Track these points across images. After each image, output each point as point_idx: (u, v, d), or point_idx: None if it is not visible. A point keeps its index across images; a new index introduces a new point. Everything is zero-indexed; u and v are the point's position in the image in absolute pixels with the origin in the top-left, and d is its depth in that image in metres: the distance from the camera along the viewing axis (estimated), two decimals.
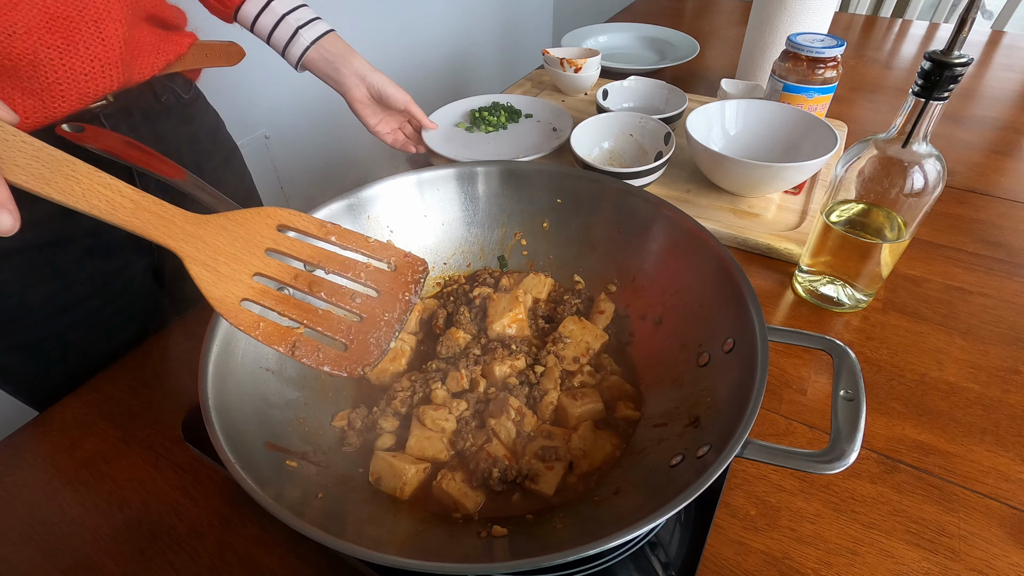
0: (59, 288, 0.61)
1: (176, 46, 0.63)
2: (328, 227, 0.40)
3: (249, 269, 0.38)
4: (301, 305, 0.39)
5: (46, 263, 0.59)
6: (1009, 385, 0.56)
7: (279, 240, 0.39)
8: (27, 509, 0.49)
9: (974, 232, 0.75)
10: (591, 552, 0.31)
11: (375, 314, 0.39)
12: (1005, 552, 0.44)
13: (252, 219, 0.38)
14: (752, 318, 0.43)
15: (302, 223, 0.39)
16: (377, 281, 0.40)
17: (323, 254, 0.39)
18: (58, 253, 0.60)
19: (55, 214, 0.57)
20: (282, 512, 0.34)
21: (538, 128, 0.94)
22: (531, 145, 0.89)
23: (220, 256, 0.37)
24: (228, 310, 0.37)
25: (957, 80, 0.47)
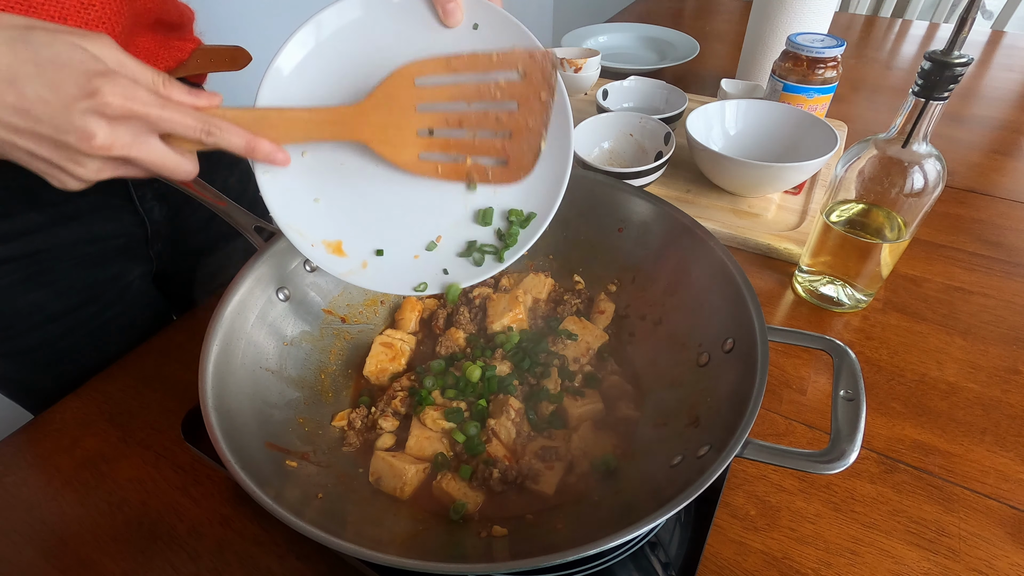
0: (50, 296, 0.60)
1: (177, 52, 0.62)
2: (452, 62, 0.43)
3: (412, 129, 0.43)
4: (460, 143, 0.44)
5: (37, 272, 0.59)
6: (1009, 385, 0.56)
7: (421, 94, 0.43)
8: (27, 509, 0.49)
9: (974, 232, 0.75)
10: (591, 552, 0.31)
11: (520, 125, 0.44)
12: (1005, 552, 0.44)
13: (393, 86, 0.42)
14: (752, 318, 0.43)
15: (430, 68, 0.43)
16: (512, 94, 0.43)
17: (459, 90, 0.43)
18: (49, 262, 0.59)
19: (45, 224, 0.57)
20: (282, 512, 0.34)
21: None
22: None
23: (388, 130, 0.43)
24: (413, 166, 0.44)
25: (957, 80, 0.47)
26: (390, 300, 0.63)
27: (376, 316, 0.61)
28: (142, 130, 0.35)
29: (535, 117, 0.44)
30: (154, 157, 0.36)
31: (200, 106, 0.37)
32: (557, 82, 0.43)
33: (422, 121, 0.43)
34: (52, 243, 0.58)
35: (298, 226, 0.46)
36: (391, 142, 0.43)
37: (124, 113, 0.34)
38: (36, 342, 0.62)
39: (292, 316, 0.53)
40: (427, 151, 0.44)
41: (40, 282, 0.59)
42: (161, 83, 0.36)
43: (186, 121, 0.36)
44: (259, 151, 0.40)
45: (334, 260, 0.48)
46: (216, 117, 0.37)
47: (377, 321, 0.61)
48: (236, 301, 0.48)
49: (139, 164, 0.37)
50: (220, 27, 0.73)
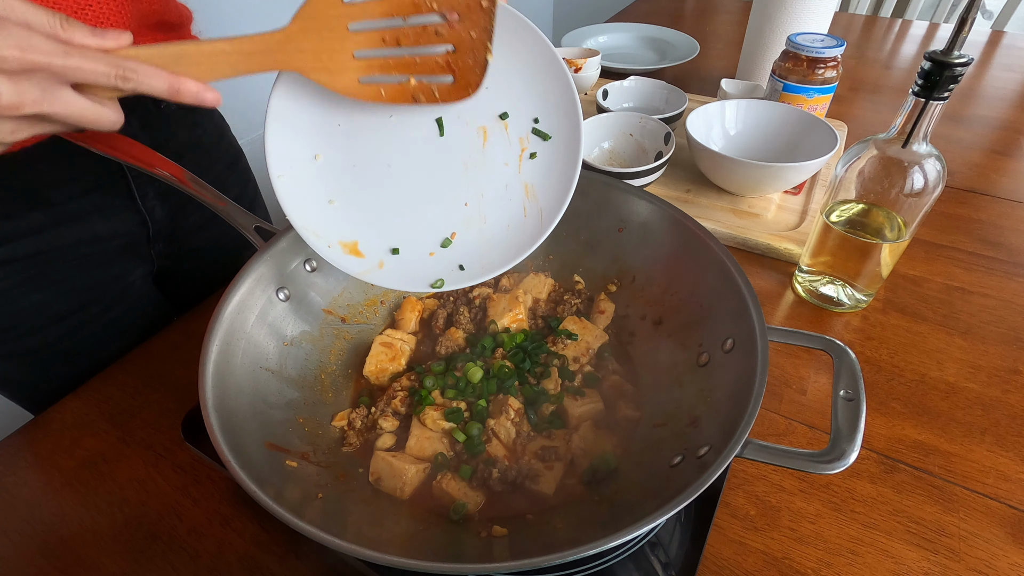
0: (53, 297, 0.60)
1: None
2: None
3: (347, 51, 0.40)
4: (401, 61, 0.41)
5: (40, 273, 0.59)
6: (1009, 385, 0.56)
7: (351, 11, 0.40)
8: (27, 509, 0.49)
9: (974, 232, 0.75)
10: (591, 552, 0.31)
11: (462, 37, 0.41)
12: (1005, 552, 0.44)
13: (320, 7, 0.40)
14: (752, 318, 0.43)
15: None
16: (452, 5, 0.40)
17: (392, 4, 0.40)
18: (51, 263, 0.59)
19: (47, 225, 0.57)
20: (282, 512, 0.34)
21: None
22: None
23: (323, 56, 0.40)
24: (354, 91, 0.41)
25: (957, 80, 0.47)
26: (390, 300, 0.63)
27: (376, 316, 0.61)
28: (50, 82, 0.32)
29: (478, 27, 0.41)
30: (70, 110, 0.33)
31: (108, 47, 0.34)
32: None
33: (357, 42, 0.40)
34: (54, 244, 0.58)
35: (314, 228, 0.46)
36: (327, 68, 0.40)
37: (25, 66, 0.31)
38: (39, 343, 0.62)
39: (292, 316, 0.53)
40: (367, 74, 0.41)
41: (43, 283, 0.59)
42: (59, 25, 0.32)
43: (96, 67, 0.33)
44: (184, 91, 0.36)
45: (351, 260, 0.47)
46: (130, 58, 0.34)
47: (377, 321, 0.61)
48: (236, 301, 0.48)
49: (55, 119, 0.34)
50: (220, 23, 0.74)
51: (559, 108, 0.46)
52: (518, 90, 0.46)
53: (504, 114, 0.47)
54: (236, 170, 0.80)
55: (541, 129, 0.47)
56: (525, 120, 0.47)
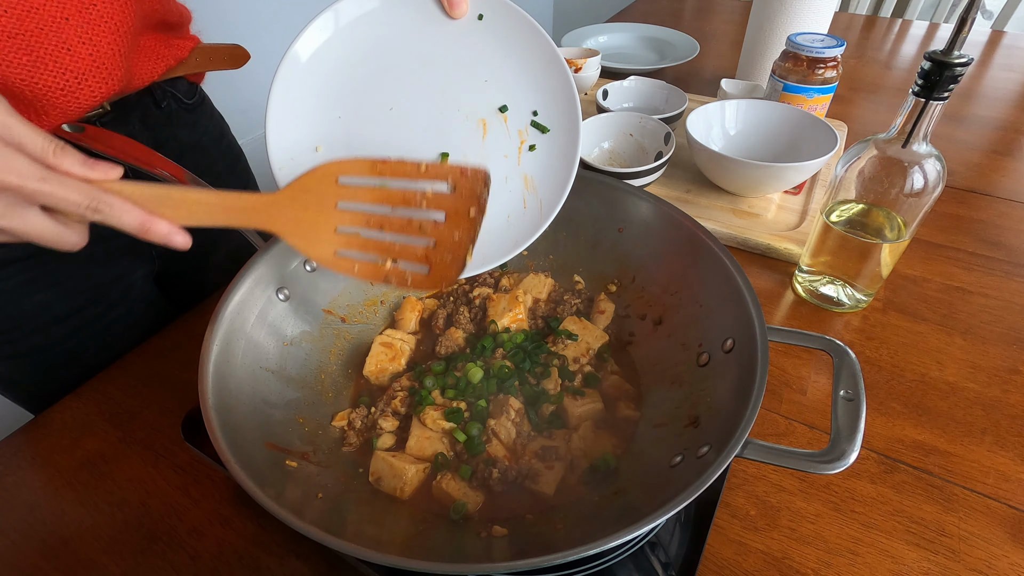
0: (56, 297, 0.60)
1: (177, 50, 0.62)
2: (379, 166, 0.42)
3: (330, 225, 0.42)
4: (381, 244, 0.43)
5: (42, 273, 0.59)
6: (1009, 385, 0.56)
7: (342, 192, 0.42)
8: (27, 509, 0.49)
9: (974, 232, 0.75)
10: (591, 552, 0.31)
11: (444, 236, 0.42)
12: (1005, 552, 0.44)
13: (314, 181, 0.41)
14: (752, 318, 0.43)
15: (355, 168, 0.42)
16: (440, 204, 0.42)
17: (384, 194, 0.42)
18: (54, 262, 0.59)
19: None
20: (282, 512, 0.34)
21: None
22: None
23: (304, 224, 0.41)
24: (329, 263, 0.42)
25: (957, 80, 0.47)
26: (390, 300, 0.63)
27: (376, 316, 0.61)
28: (17, 200, 0.34)
29: (462, 231, 0.42)
30: (28, 228, 0.35)
31: (93, 179, 0.35)
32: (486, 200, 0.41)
33: (342, 219, 0.42)
34: None
35: None
36: (306, 237, 0.41)
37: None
38: (42, 343, 0.62)
39: (292, 316, 0.53)
40: (345, 248, 0.42)
41: (45, 283, 0.59)
42: (51, 151, 0.34)
43: (69, 196, 0.34)
44: (153, 232, 0.37)
45: None
46: (109, 192, 0.35)
47: (377, 321, 0.61)
48: (236, 301, 0.48)
49: (11, 233, 0.35)
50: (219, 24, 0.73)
51: (558, 101, 0.46)
52: (517, 83, 0.46)
53: (503, 107, 0.47)
54: (236, 170, 0.80)
55: (540, 122, 0.47)
56: (524, 113, 0.47)
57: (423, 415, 0.50)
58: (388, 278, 0.43)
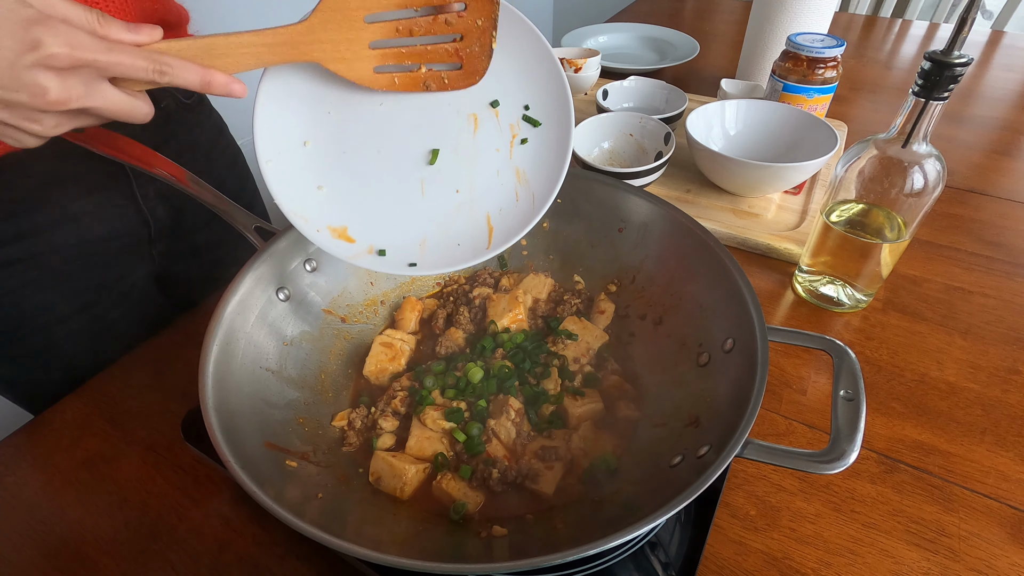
0: (57, 298, 0.60)
1: None
2: None
3: (363, 43, 0.42)
4: (414, 51, 0.43)
5: (44, 274, 0.59)
6: (1009, 385, 0.56)
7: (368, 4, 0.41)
8: (27, 509, 0.49)
9: (974, 232, 0.75)
10: (591, 552, 0.31)
11: (469, 26, 0.43)
12: (1005, 552, 0.44)
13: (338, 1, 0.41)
14: (752, 318, 0.43)
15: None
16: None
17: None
18: (56, 263, 0.59)
19: (50, 225, 0.57)
20: (282, 512, 0.34)
21: None
22: None
23: (340, 46, 0.41)
24: (370, 80, 0.43)
25: (957, 80, 0.47)
26: (390, 300, 0.63)
27: (376, 316, 0.61)
28: (93, 77, 0.34)
29: (483, 15, 0.43)
30: (111, 104, 0.35)
31: (142, 42, 0.35)
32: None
33: (373, 32, 0.42)
34: (58, 244, 0.58)
35: (303, 213, 0.46)
36: (344, 58, 0.42)
37: (72, 63, 0.32)
38: (44, 344, 0.62)
39: (292, 316, 0.53)
40: (382, 63, 0.43)
41: (47, 284, 0.59)
42: (96, 21, 0.33)
43: (136, 63, 0.34)
44: (215, 84, 0.37)
45: (340, 245, 0.48)
46: (164, 54, 0.36)
47: (377, 321, 0.61)
48: (236, 301, 0.48)
49: (96, 113, 0.35)
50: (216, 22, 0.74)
51: (549, 94, 0.47)
52: (508, 78, 0.46)
53: (495, 102, 0.47)
54: (234, 169, 0.80)
55: (531, 116, 0.48)
56: (515, 107, 0.47)
57: (423, 415, 0.50)
58: (427, 83, 0.44)
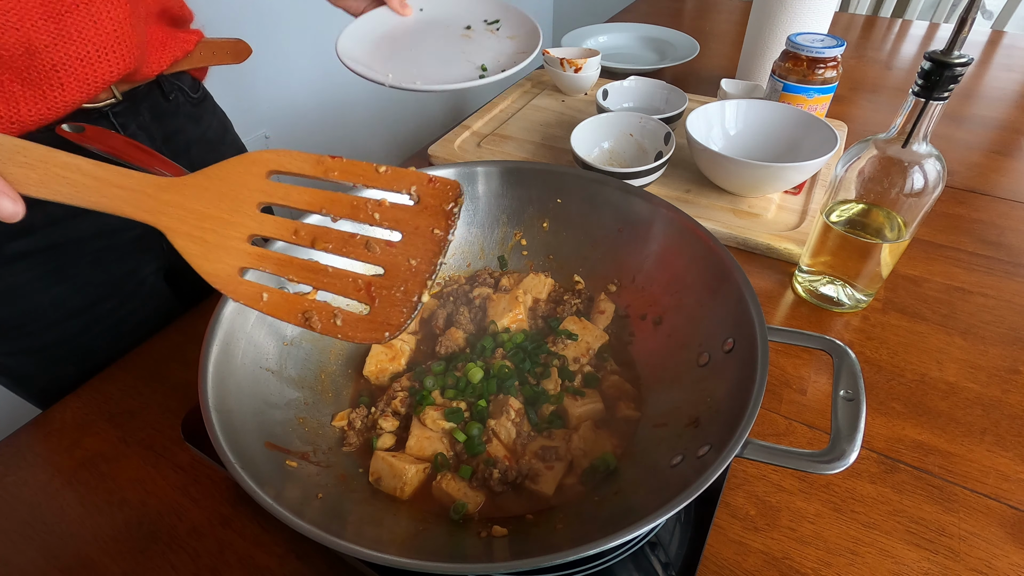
0: (70, 291, 0.61)
1: (183, 43, 0.64)
2: (327, 162, 0.33)
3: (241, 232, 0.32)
4: (308, 265, 0.33)
5: (57, 267, 0.59)
6: (1009, 385, 0.56)
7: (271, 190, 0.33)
8: (27, 509, 0.49)
9: (974, 232, 0.75)
10: (591, 552, 0.31)
11: (398, 263, 0.33)
12: (1005, 552, 0.44)
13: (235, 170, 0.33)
14: (752, 318, 0.43)
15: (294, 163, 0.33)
16: (398, 220, 0.33)
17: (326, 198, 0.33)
18: (68, 256, 0.60)
19: (65, 215, 0.58)
20: (282, 512, 0.34)
21: None
22: None
23: (206, 222, 0.32)
24: (225, 283, 0.32)
25: (957, 80, 0.47)
26: None
27: None
28: None
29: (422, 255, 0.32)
30: None
31: None
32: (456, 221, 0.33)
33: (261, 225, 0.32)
34: (71, 235, 0.59)
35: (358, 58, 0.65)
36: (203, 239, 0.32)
37: None
38: (56, 338, 0.62)
39: None
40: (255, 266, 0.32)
41: (60, 277, 0.60)
42: None
43: None
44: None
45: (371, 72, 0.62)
46: None
47: None
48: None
49: None
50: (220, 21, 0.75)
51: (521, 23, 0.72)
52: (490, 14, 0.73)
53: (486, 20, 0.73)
54: None
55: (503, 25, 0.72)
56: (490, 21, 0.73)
57: (423, 415, 0.50)
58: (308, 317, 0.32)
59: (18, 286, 0.58)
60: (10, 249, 0.56)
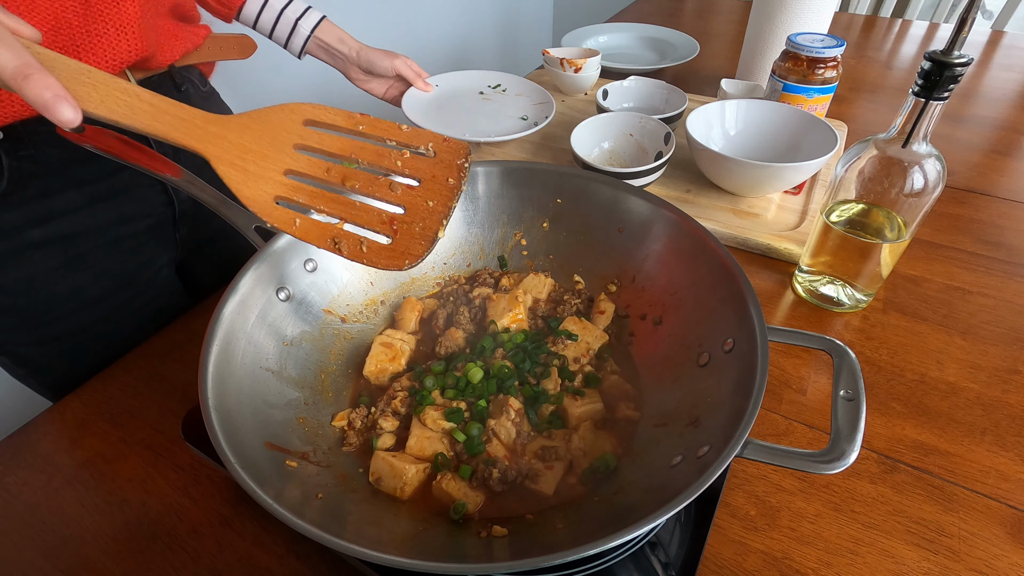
0: (87, 281, 0.63)
1: (194, 36, 0.66)
2: (357, 117, 0.37)
3: (279, 166, 0.36)
4: (338, 199, 0.36)
5: (75, 256, 0.61)
6: (1009, 385, 0.56)
7: (307, 135, 0.36)
8: (27, 509, 0.49)
9: (974, 232, 0.75)
10: (591, 552, 0.31)
11: (417, 203, 0.37)
12: (1005, 552, 0.44)
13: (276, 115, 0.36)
14: (752, 318, 0.43)
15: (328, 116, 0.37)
16: (417, 169, 0.37)
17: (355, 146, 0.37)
18: (86, 245, 0.61)
19: (81, 204, 0.59)
20: (282, 512, 0.34)
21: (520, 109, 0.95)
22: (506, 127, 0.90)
23: (248, 155, 0.35)
24: (262, 208, 0.35)
25: (957, 80, 0.47)
26: (390, 300, 0.63)
27: (376, 316, 0.61)
28: None
29: (439, 199, 0.36)
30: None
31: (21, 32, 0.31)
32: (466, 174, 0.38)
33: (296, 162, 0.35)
34: (87, 225, 0.61)
35: None
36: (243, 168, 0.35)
37: None
38: (71, 328, 0.64)
39: (292, 316, 0.53)
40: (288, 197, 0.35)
41: (77, 267, 0.61)
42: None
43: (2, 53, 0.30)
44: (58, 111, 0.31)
45: None
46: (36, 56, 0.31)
47: (377, 321, 0.61)
48: (236, 301, 0.48)
49: None
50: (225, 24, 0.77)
51: None
52: None
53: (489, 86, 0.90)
54: None
55: None
56: None
57: (423, 415, 0.50)
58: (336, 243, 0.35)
59: (37, 275, 0.59)
60: (30, 237, 0.58)
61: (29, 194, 0.56)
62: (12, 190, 0.55)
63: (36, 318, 0.61)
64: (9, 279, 0.58)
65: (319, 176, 0.36)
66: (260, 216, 0.35)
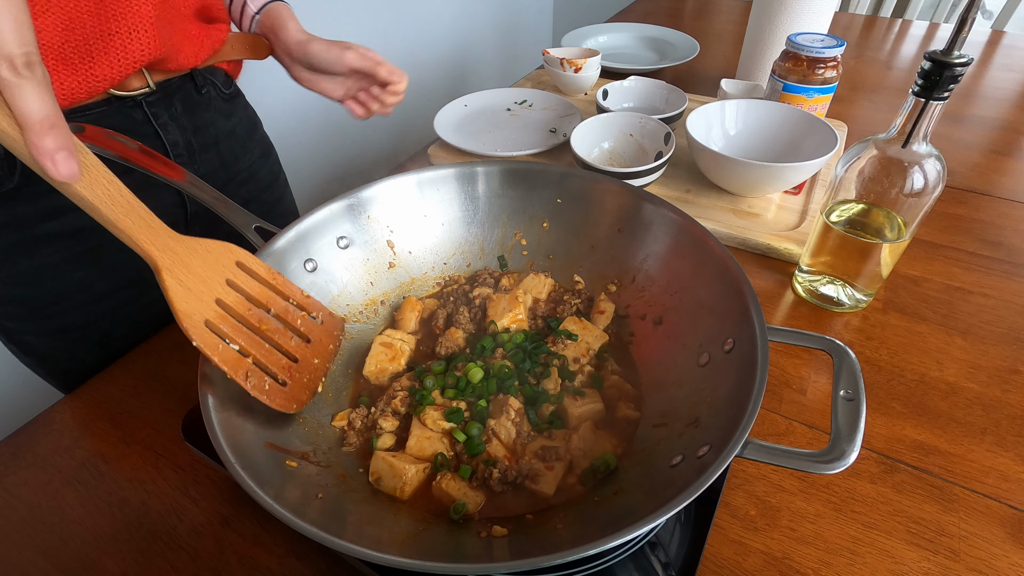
0: (96, 275, 0.63)
1: (215, 40, 0.66)
2: (277, 276, 0.46)
3: (212, 292, 0.41)
4: (253, 339, 0.43)
5: (85, 251, 0.61)
6: (1009, 385, 0.56)
7: (237, 275, 0.43)
8: (27, 509, 0.49)
9: (974, 232, 0.75)
10: (591, 552, 0.31)
11: (308, 358, 0.46)
12: (1005, 552, 0.44)
13: (218, 249, 0.42)
14: (752, 318, 0.43)
15: (255, 266, 0.45)
16: (310, 330, 0.47)
17: (270, 297, 0.45)
18: (95, 240, 0.61)
19: None
20: (282, 512, 0.34)
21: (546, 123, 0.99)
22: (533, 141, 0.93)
23: (191, 274, 0.40)
24: (193, 326, 0.39)
25: (957, 80, 0.47)
26: (390, 300, 0.63)
27: (376, 316, 0.61)
28: None
29: (322, 359, 0.47)
30: None
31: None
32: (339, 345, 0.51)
33: (226, 294, 0.41)
34: None
35: None
36: (186, 285, 0.39)
37: None
38: (80, 321, 0.64)
39: None
40: (217, 323, 0.40)
41: (87, 261, 0.62)
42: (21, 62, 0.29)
43: None
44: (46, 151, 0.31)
45: None
46: None
47: (377, 321, 0.61)
48: None
49: None
50: None
51: None
52: None
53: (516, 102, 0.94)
54: (268, 162, 0.84)
55: None
56: None
57: (423, 415, 0.50)
58: (248, 376, 0.41)
59: (48, 267, 0.60)
60: (42, 230, 0.58)
61: (41, 189, 0.56)
62: (24, 183, 0.55)
63: (46, 309, 0.62)
64: (19, 270, 0.59)
65: (242, 313, 0.42)
66: (188, 333, 0.39)
